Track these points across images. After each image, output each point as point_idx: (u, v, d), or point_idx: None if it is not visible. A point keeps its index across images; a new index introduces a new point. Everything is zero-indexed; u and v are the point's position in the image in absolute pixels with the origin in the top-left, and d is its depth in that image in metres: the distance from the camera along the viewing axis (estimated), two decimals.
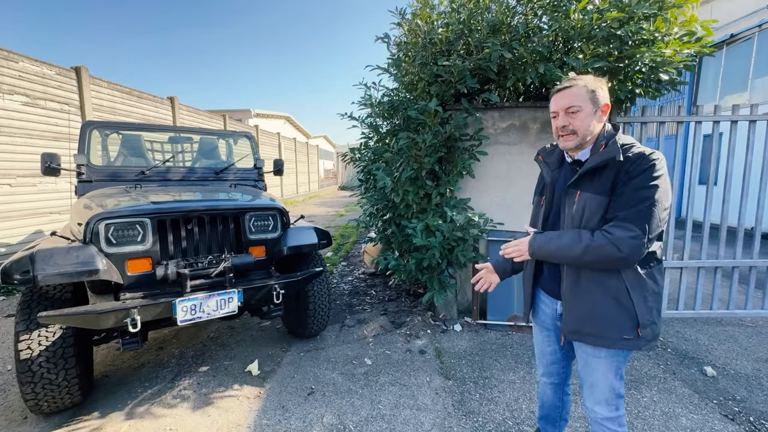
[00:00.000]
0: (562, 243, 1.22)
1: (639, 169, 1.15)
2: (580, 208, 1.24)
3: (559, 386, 1.60)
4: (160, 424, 2.02)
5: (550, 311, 1.45)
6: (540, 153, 1.49)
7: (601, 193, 1.20)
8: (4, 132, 4.38)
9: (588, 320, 1.26)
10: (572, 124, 1.24)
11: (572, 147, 1.28)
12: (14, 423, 2.03)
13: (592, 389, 1.35)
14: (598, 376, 1.32)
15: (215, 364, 2.64)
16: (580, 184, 1.26)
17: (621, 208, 1.16)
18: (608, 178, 1.20)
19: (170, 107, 7.53)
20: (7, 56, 4.43)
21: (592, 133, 1.25)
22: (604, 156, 1.19)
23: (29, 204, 4.70)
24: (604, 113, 1.25)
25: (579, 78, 1.26)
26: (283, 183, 14.72)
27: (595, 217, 1.21)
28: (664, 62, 2.60)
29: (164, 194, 2.46)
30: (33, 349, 1.84)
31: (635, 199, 1.14)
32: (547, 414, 1.66)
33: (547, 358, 1.56)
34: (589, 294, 1.25)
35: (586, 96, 1.23)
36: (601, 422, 1.36)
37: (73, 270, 1.81)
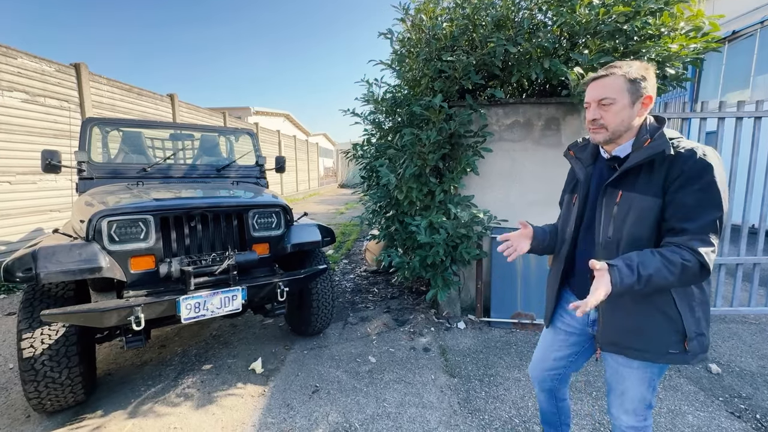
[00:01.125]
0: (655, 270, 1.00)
1: (698, 170, 1.03)
2: (624, 210, 1.13)
3: (550, 393, 1.55)
4: (164, 422, 2.01)
5: (582, 317, 1.33)
6: (571, 148, 1.38)
7: (650, 194, 1.09)
8: (3, 129, 4.34)
9: (630, 333, 1.17)
10: (603, 117, 1.14)
11: (601, 142, 1.19)
12: (17, 422, 2.02)
13: (622, 398, 1.27)
14: (629, 386, 1.24)
15: (218, 362, 2.63)
16: (622, 182, 1.15)
17: (691, 218, 1.03)
18: (657, 175, 1.08)
19: (170, 104, 7.49)
20: (6, 52, 4.39)
21: (628, 128, 1.14)
22: (650, 151, 1.08)
23: (29, 201, 4.66)
24: (646, 106, 1.13)
25: (620, 65, 1.14)
26: (283, 181, 14.68)
27: (646, 221, 1.09)
28: (670, 57, 2.58)
29: (166, 191, 2.44)
30: (36, 347, 1.82)
31: (704, 207, 1.03)
32: (548, 420, 1.63)
33: (548, 363, 1.48)
34: (632, 305, 1.15)
35: (624, 87, 1.11)
36: (624, 430, 1.29)
37: (76, 268, 1.79)
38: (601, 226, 1.20)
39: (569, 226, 1.32)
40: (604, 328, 1.22)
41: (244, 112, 16.98)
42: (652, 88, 1.13)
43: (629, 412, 1.27)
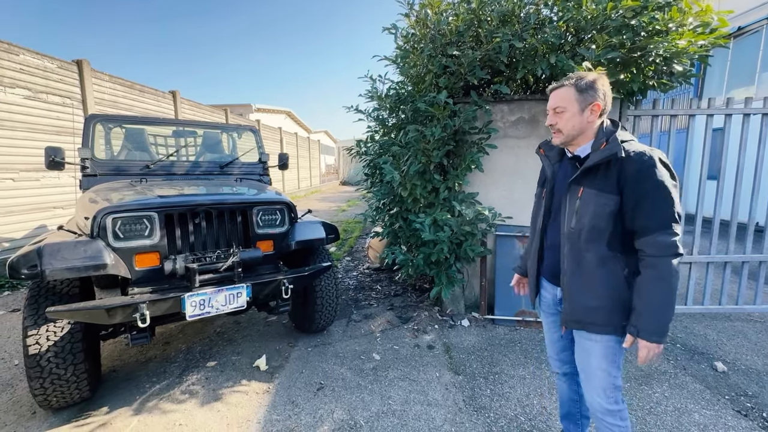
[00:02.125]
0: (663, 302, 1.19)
1: (645, 171, 1.18)
2: (584, 204, 1.27)
3: (571, 377, 1.60)
4: (169, 419, 2.01)
5: (550, 297, 1.49)
6: (542, 146, 1.52)
7: (607, 191, 1.23)
8: (6, 126, 4.34)
9: (590, 311, 1.29)
10: (558, 123, 1.31)
11: (559, 144, 1.36)
12: (23, 418, 2.02)
13: (588, 377, 1.36)
14: (593, 362, 1.33)
15: (223, 359, 2.63)
16: (583, 180, 1.28)
17: (651, 216, 1.19)
18: (612, 174, 1.22)
19: (172, 101, 7.47)
20: (8, 49, 4.38)
21: (581, 132, 1.29)
22: (605, 153, 1.21)
23: (32, 198, 4.67)
24: (595, 113, 1.27)
25: (572, 77, 1.29)
26: (284, 178, 14.67)
27: (603, 214, 1.23)
28: (678, 53, 2.55)
29: (170, 188, 2.43)
30: (41, 344, 1.82)
31: (658, 203, 1.18)
32: (567, 411, 1.65)
33: (556, 345, 1.59)
34: (589, 285, 1.29)
35: (573, 97, 1.27)
36: (600, 417, 1.36)
37: (81, 264, 1.79)
38: (565, 218, 1.34)
39: (539, 217, 1.49)
40: (567, 306, 1.36)
41: (245, 109, 16.93)
42: (602, 96, 1.27)
43: (599, 392, 1.34)
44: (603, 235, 1.24)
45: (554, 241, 1.41)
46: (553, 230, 1.43)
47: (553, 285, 1.46)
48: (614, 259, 1.25)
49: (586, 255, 1.28)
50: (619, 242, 1.25)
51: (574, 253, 1.31)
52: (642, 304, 1.21)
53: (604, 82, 1.28)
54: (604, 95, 1.27)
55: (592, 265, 1.27)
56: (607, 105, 1.28)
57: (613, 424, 1.34)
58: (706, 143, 3.15)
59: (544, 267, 1.49)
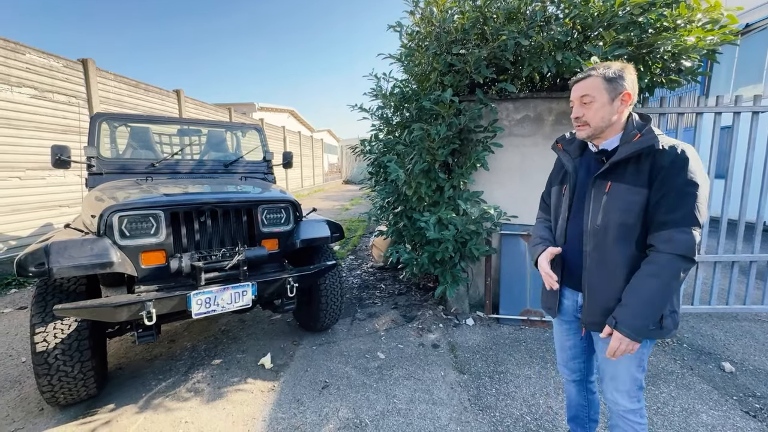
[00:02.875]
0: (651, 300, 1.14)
1: (679, 165, 1.13)
2: (612, 200, 1.21)
3: (581, 383, 1.58)
4: (175, 416, 2.02)
5: (570, 303, 1.43)
6: (559, 141, 1.46)
7: (638, 184, 1.17)
8: (12, 125, 4.37)
9: (609, 312, 1.23)
10: (585, 115, 1.24)
11: (584, 137, 1.29)
12: (31, 415, 2.04)
13: (614, 381, 1.33)
14: (620, 368, 1.30)
15: (228, 357, 2.64)
16: (610, 174, 1.23)
17: (672, 211, 1.13)
18: (644, 168, 1.17)
19: (176, 100, 7.49)
20: (15, 48, 4.40)
21: (610, 124, 1.23)
22: (639, 145, 1.16)
23: (38, 197, 4.70)
24: (625, 102, 1.22)
25: (598, 67, 1.23)
26: (288, 176, 14.69)
27: (634, 209, 1.18)
28: (686, 49, 2.52)
29: (175, 187, 2.43)
30: (49, 341, 1.83)
31: (684, 200, 1.12)
32: (575, 414, 1.64)
33: (567, 353, 1.55)
34: (613, 286, 1.23)
35: (602, 86, 1.21)
36: (623, 414, 1.34)
37: (88, 262, 1.80)
38: (589, 215, 1.28)
39: (561, 216, 1.40)
40: (588, 309, 1.30)
41: (248, 107, 16.96)
42: (630, 85, 1.21)
43: (623, 394, 1.32)
44: (631, 233, 1.19)
45: (574, 240, 1.34)
46: (573, 228, 1.36)
47: (573, 291, 1.40)
48: (641, 260, 1.19)
49: (612, 254, 1.22)
50: (645, 242, 1.20)
51: (599, 252, 1.25)
52: (629, 296, 1.17)
53: (631, 72, 1.22)
54: (633, 84, 1.22)
55: (619, 265, 1.21)
56: (634, 95, 1.22)
57: (635, 422, 1.33)
58: (714, 142, 3.12)
59: (566, 272, 1.40)
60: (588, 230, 1.28)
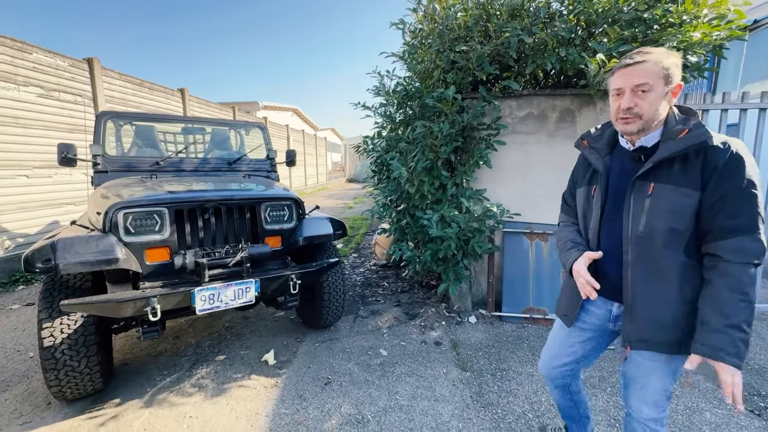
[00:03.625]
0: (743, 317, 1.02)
1: (736, 165, 1.02)
2: (657, 203, 1.09)
3: (564, 389, 1.54)
4: (179, 411, 2.04)
5: (601, 312, 1.30)
6: (584, 138, 1.33)
7: (687, 186, 1.05)
8: (20, 123, 4.42)
9: (662, 328, 1.13)
10: (639, 105, 1.08)
11: (634, 132, 1.12)
12: (38, 408, 2.07)
13: (643, 390, 1.24)
14: (652, 379, 1.22)
15: (231, 353, 2.66)
16: (652, 174, 1.10)
17: (736, 216, 1.03)
18: (694, 167, 1.05)
19: (181, 99, 7.54)
20: (21, 47, 4.45)
21: (658, 118, 1.10)
22: (689, 141, 1.04)
23: (45, 195, 4.75)
24: (675, 95, 1.10)
25: (651, 51, 1.09)
26: (291, 175, 14.73)
27: (685, 214, 1.06)
28: (692, 45, 2.50)
29: (180, 184, 2.45)
30: (56, 336, 1.86)
31: (746, 203, 1.02)
32: (567, 415, 1.62)
33: (560, 359, 1.46)
34: (663, 299, 1.12)
35: (660, 74, 1.06)
36: (644, 422, 1.27)
37: (94, 259, 1.82)
38: (629, 220, 1.15)
39: (592, 221, 1.27)
40: (632, 324, 1.18)
41: (252, 106, 17.01)
42: (680, 75, 1.09)
43: (650, 404, 1.24)
44: (681, 239, 1.08)
45: (610, 247, 1.21)
46: (608, 235, 1.22)
47: (606, 300, 1.27)
48: (693, 268, 1.09)
49: (661, 263, 1.10)
50: (697, 248, 1.09)
51: (644, 261, 1.13)
52: (717, 319, 1.02)
53: (680, 61, 1.10)
54: (680, 76, 1.09)
55: (669, 275, 1.10)
56: None
57: (654, 429, 1.26)
58: None
59: (598, 278, 1.24)
60: (629, 237, 1.15)
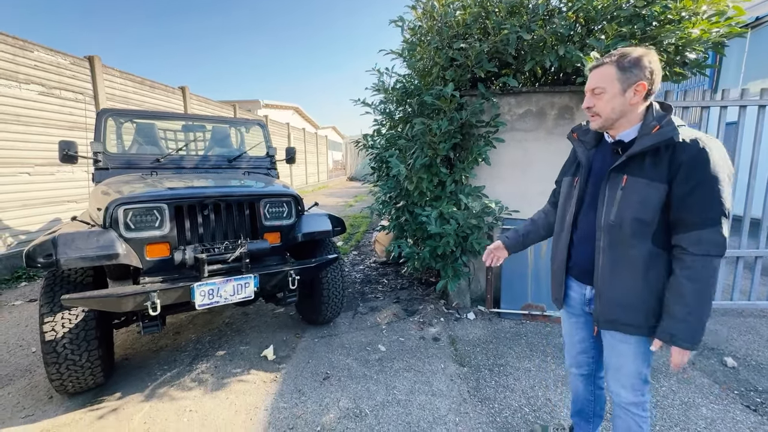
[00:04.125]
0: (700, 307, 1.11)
1: (701, 161, 1.07)
2: (628, 194, 1.16)
3: (588, 378, 1.56)
4: (179, 405, 2.07)
5: (578, 296, 1.41)
6: (575, 131, 1.41)
7: (656, 179, 1.12)
8: (21, 121, 4.44)
9: (627, 310, 1.21)
10: (596, 105, 1.20)
11: (596, 128, 1.25)
12: (40, 402, 2.10)
13: (618, 373, 1.32)
14: (625, 361, 1.28)
15: (231, 348, 2.68)
16: (627, 167, 1.17)
17: (699, 209, 1.09)
18: (662, 161, 1.12)
19: (182, 97, 7.55)
20: (23, 46, 4.47)
21: (622, 115, 1.18)
22: (658, 137, 1.11)
23: (47, 192, 4.78)
24: (639, 93, 1.15)
25: (616, 53, 1.17)
26: (292, 173, 14.75)
27: (651, 205, 1.13)
28: (690, 42, 2.50)
29: (179, 181, 2.47)
30: (57, 330, 1.88)
31: (709, 198, 1.08)
32: (580, 409, 1.63)
33: (576, 347, 1.52)
34: (630, 283, 1.19)
35: (614, 76, 1.15)
36: (625, 406, 1.34)
37: (94, 254, 1.84)
38: (603, 209, 1.23)
39: (569, 209, 1.36)
40: (601, 306, 1.27)
41: (253, 105, 17.02)
42: (648, 74, 1.14)
43: (627, 388, 1.31)
44: (648, 229, 1.15)
45: (586, 234, 1.30)
46: (585, 222, 1.31)
47: (581, 283, 1.37)
48: (659, 257, 1.16)
49: (629, 251, 1.18)
50: (665, 238, 1.16)
51: (614, 248, 1.20)
52: (677, 308, 1.12)
53: (651, 59, 1.14)
54: (651, 73, 1.14)
55: (635, 262, 1.17)
56: (654, 84, 1.15)
57: (637, 414, 1.32)
58: (720, 137, 3.08)
59: (572, 264, 1.38)
60: (602, 225, 1.23)
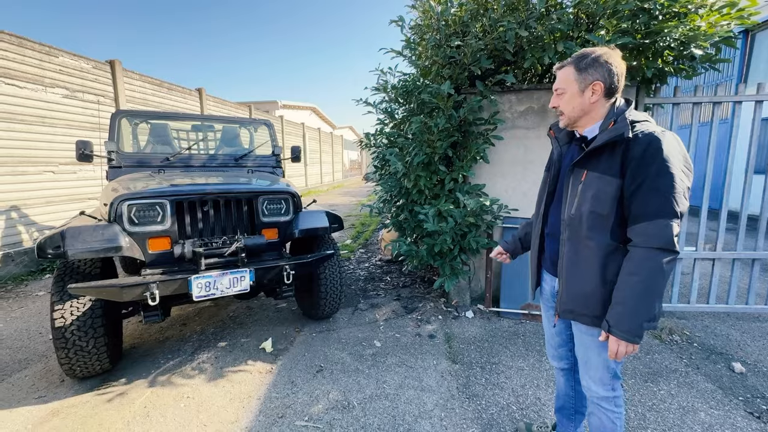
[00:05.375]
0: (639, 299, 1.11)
1: (651, 155, 1.09)
2: (587, 189, 1.20)
3: (569, 372, 1.57)
4: (179, 392, 2.16)
5: (549, 288, 1.46)
6: (552, 127, 1.44)
7: (610, 173, 1.15)
8: (46, 123, 4.71)
9: (584, 300, 1.24)
10: (560, 105, 1.27)
11: (563, 126, 1.32)
12: (53, 385, 2.24)
13: (587, 367, 1.33)
14: (592, 355, 1.30)
15: (233, 340, 2.78)
16: (587, 163, 1.21)
17: (647, 202, 1.10)
18: (617, 156, 1.14)
19: (198, 98, 7.81)
20: (49, 51, 4.74)
21: (584, 113, 1.24)
22: (612, 133, 1.14)
23: (70, 190, 5.06)
24: (597, 92, 1.19)
25: (576, 55, 1.23)
26: (307, 173, 14.97)
27: (606, 199, 1.16)
28: (696, 37, 2.42)
29: (183, 178, 2.58)
30: (66, 318, 2.01)
31: (657, 191, 1.09)
32: (562, 405, 1.63)
33: (555, 339, 1.55)
34: (587, 275, 1.23)
35: (572, 77, 1.22)
36: (596, 402, 1.35)
37: (99, 246, 1.96)
38: (566, 204, 1.28)
39: (542, 203, 1.43)
40: (562, 295, 1.31)
41: (271, 105, 17.38)
42: (605, 73, 1.18)
43: (597, 382, 1.32)
44: (605, 222, 1.17)
45: (554, 227, 1.36)
46: (554, 216, 1.37)
47: (552, 276, 1.42)
48: (617, 250, 1.18)
49: (587, 243, 1.21)
50: (622, 232, 1.18)
51: (573, 241, 1.25)
52: (617, 298, 1.15)
53: (610, 57, 1.18)
54: (610, 72, 1.17)
55: (593, 255, 1.20)
56: (614, 82, 1.18)
57: (608, 410, 1.33)
58: (754, 133, 2.94)
59: (545, 256, 1.44)
60: (565, 219, 1.28)
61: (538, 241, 1.45)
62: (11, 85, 4.32)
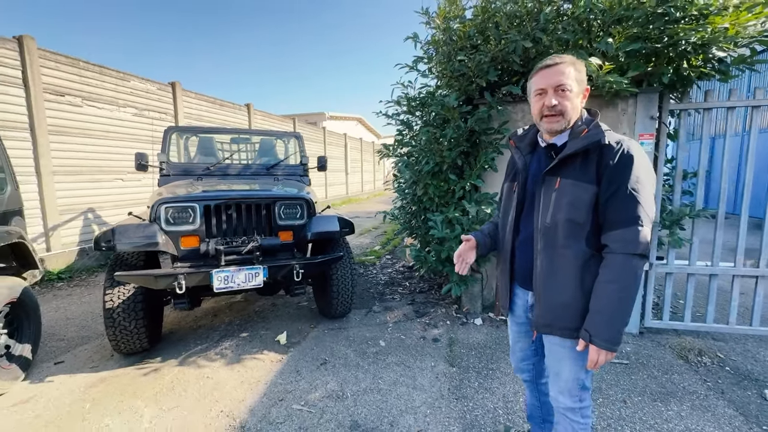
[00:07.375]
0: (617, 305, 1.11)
1: (625, 163, 1.11)
2: (561, 196, 1.18)
3: (532, 384, 1.58)
4: (201, 372, 2.47)
5: (522, 303, 1.41)
6: (511, 137, 1.43)
7: (585, 180, 1.15)
8: (118, 137, 5.51)
9: (562, 311, 1.22)
10: (561, 104, 1.17)
11: (559, 129, 1.22)
12: (104, 358, 2.66)
13: (557, 378, 1.31)
14: (564, 366, 1.28)
15: (254, 332, 3.07)
16: (560, 170, 1.20)
17: (621, 209, 1.12)
18: (591, 163, 1.15)
19: (246, 113, 8.55)
20: (123, 77, 5.56)
21: (575, 117, 1.21)
22: (587, 140, 1.14)
23: (134, 195, 5.83)
24: (585, 98, 1.23)
25: (564, 57, 1.20)
26: (348, 181, 15.50)
27: (582, 206, 1.15)
28: (716, 39, 2.30)
29: (215, 185, 2.94)
30: (114, 301, 2.40)
31: (632, 198, 1.11)
32: (531, 413, 1.66)
33: (518, 354, 1.54)
34: (564, 284, 1.20)
35: (575, 76, 1.17)
36: (563, 412, 1.33)
37: (141, 242, 2.33)
38: (539, 213, 1.25)
39: (510, 214, 1.37)
40: (539, 310, 1.27)
41: (318, 117, 18.28)
42: (585, 81, 1.22)
43: (565, 393, 1.30)
44: (581, 230, 1.16)
45: (526, 237, 1.31)
46: (525, 226, 1.32)
47: (524, 290, 1.38)
48: (593, 258, 1.16)
49: (563, 252, 1.18)
50: (597, 240, 1.17)
51: (549, 251, 1.21)
52: (596, 306, 1.14)
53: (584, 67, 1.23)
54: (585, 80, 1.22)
55: (570, 264, 1.18)
56: None
57: (574, 421, 1.30)
58: None
59: (516, 270, 1.37)
60: (539, 228, 1.24)
61: (509, 255, 1.38)
62: (92, 106, 5.13)
